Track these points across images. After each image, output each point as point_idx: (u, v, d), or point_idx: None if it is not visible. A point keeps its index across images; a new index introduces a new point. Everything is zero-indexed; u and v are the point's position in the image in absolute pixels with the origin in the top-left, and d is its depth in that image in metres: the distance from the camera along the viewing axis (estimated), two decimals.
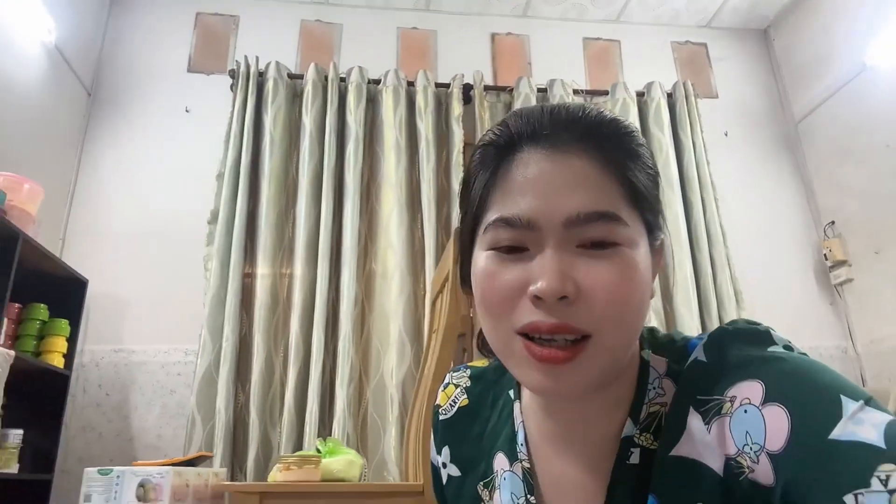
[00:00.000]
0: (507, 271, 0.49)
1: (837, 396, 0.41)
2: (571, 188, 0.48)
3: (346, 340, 2.83)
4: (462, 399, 0.65)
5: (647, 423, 0.51)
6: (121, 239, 3.02)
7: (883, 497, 0.36)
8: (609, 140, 0.51)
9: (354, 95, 3.23)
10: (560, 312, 0.47)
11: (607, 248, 0.48)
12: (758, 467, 0.43)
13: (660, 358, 0.54)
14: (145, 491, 1.21)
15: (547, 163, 0.49)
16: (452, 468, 0.63)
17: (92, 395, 2.80)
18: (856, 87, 3.33)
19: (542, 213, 0.48)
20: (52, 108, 2.96)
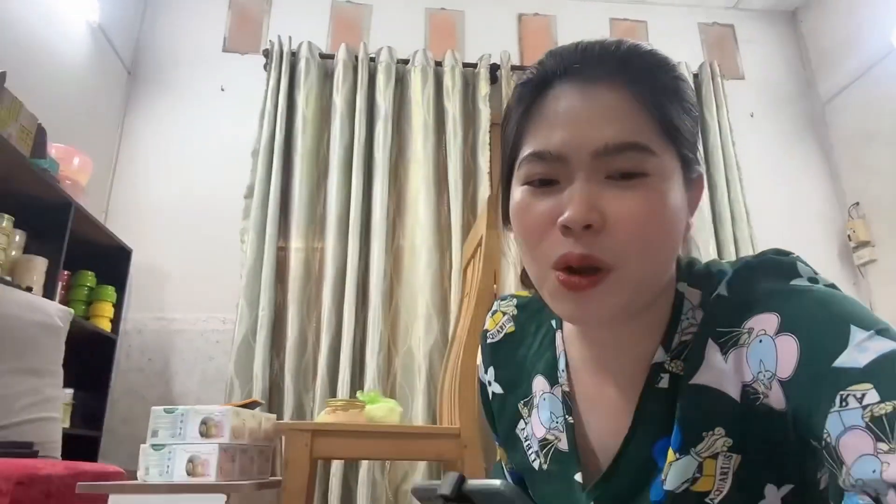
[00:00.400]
0: (540, 203, 0.51)
1: (847, 326, 0.43)
2: (600, 120, 0.49)
3: (375, 312, 2.93)
4: (509, 326, 0.69)
5: (677, 350, 0.53)
6: (161, 211, 3.15)
7: (857, 413, 0.39)
8: (642, 72, 0.51)
9: (384, 75, 3.31)
10: (587, 242, 0.48)
11: (636, 178, 0.49)
12: (771, 393, 0.46)
13: (694, 290, 0.55)
14: (207, 427, 1.32)
15: (577, 97, 0.50)
16: (496, 386, 0.68)
17: (135, 361, 2.94)
18: (883, 69, 3.33)
19: (571, 145, 0.49)
20: (95, 86, 3.08)
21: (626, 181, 0.49)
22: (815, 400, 0.42)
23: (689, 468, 0.50)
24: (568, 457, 0.58)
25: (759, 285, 0.51)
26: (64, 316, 1.96)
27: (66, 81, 2.85)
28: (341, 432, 1.33)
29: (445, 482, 0.57)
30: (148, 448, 1.34)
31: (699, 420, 0.50)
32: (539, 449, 0.61)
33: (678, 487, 0.50)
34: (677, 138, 0.51)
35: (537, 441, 0.62)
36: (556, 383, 0.61)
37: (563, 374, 0.60)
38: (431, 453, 1.38)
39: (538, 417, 0.62)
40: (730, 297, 0.52)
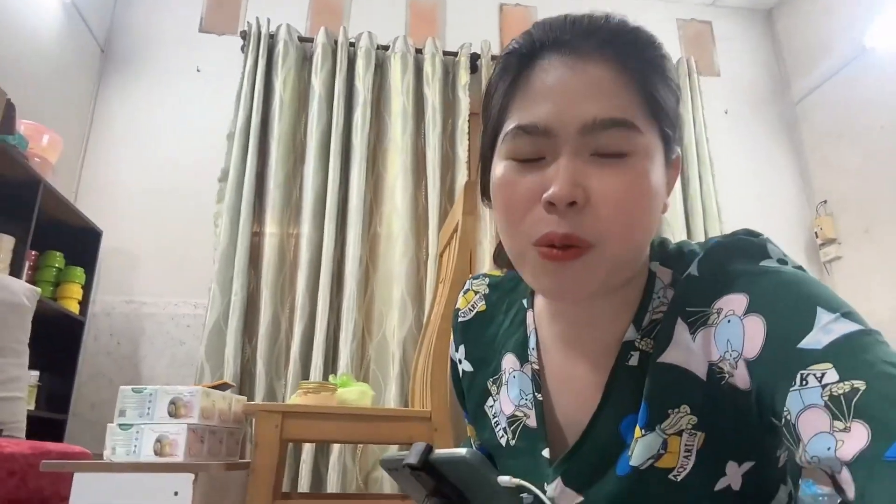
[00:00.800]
0: (524, 179, 0.50)
1: (814, 308, 0.43)
2: (589, 95, 0.48)
3: (350, 299, 2.93)
4: (480, 305, 0.69)
5: (648, 328, 0.54)
6: (133, 193, 3.09)
7: (816, 391, 0.40)
8: (630, 49, 0.51)
9: (363, 61, 3.29)
10: (570, 219, 0.48)
11: (621, 157, 0.49)
12: (736, 373, 0.47)
13: (666, 269, 0.56)
14: (176, 408, 1.31)
15: (566, 70, 0.49)
16: (466, 364, 0.69)
17: (103, 344, 2.89)
18: (854, 69, 3.41)
19: (558, 119, 0.49)
20: (67, 63, 3.00)
21: (612, 159, 0.49)
22: (778, 379, 0.43)
23: (654, 444, 0.51)
24: (536, 433, 0.58)
25: (729, 266, 0.51)
26: (30, 295, 1.92)
27: (37, 58, 2.77)
28: (312, 414, 1.33)
29: (412, 452, 0.58)
30: (115, 427, 1.32)
31: (665, 398, 0.51)
32: (507, 425, 0.62)
33: (643, 463, 0.51)
34: (661, 116, 0.51)
35: (505, 417, 0.62)
36: (526, 361, 0.61)
37: (533, 352, 0.61)
38: (402, 436, 1.39)
39: (507, 394, 0.62)
40: (700, 277, 0.52)
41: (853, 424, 0.37)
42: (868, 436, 0.36)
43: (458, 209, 1.66)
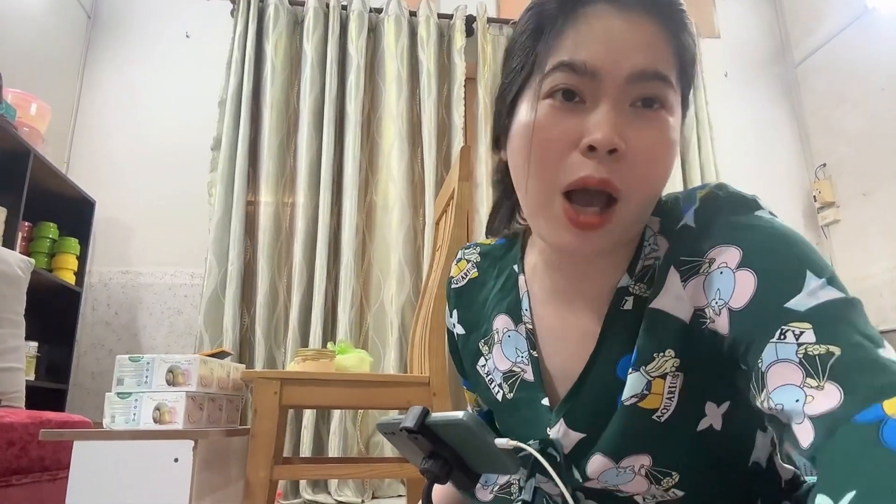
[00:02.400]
0: (564, 121, 0.51)
1: (804, 271, 0.45)
2: (640, 47, 0.50)
3: (347, 268, 2.92)
4: (472, 272, 0.72)
5: (640, 274, 0.57)
6: (125, 162, 3.06)
7: (792, 347, 0.42)
8: (669, 11, 0.53)
9: (356, 24, 3.22)
10: (608, 167, 0.49)
11: (656, 108, 0.51)
12: (718, 319, 0.49)
13: (654, 218, 0.58)
14: (174, 376, 1.31)
15: (619, 20, 0.51)
16: (459, 328, 0.73)
17: (101, 314, 2.89)
18: (856, 31, 3.35)
19: (608, 63, 0.50)
20: (53, 30, 2.93)
21: (648, 110, 0.51)
22: (757, 330, 0.45)
23: (638, 384, 0.53)
24: (534, 385, 0.61)
25: (723, 217, 0.53)
26: (24, 266, 1.90)
27: (23, 25, 2.71)
28: (311, 381, 1.33)
29: (409, 416, 0.58)
30: (113, 396, 1.32)
31: (653, 341, 0.54)
32: (503, 381, 0.65)
33: (627, 400, 0.54)
34: (685, 76, 0.54)
35: (500, 374, 0.65)
36: (520, 322, 0.64)
37: (526, 313, 0.63)
38: (401, 401, 1.39)
39: (501, 353, 0.65)
40: (695, 227, 0.54)
41: (827, 384, 0.40)
42: (840, 398, 0.38)
43: (455, 176, 1.64)
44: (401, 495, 2.70)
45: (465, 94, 3.25)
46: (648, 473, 0.56)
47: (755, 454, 0.59)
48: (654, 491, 0.56)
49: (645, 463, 0.55)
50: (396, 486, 2.75)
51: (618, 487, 0.57)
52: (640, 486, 0.56)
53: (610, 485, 0.57)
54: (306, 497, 2.62)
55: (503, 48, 3.36)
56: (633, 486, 0.57)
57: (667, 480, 0.56)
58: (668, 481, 0.56)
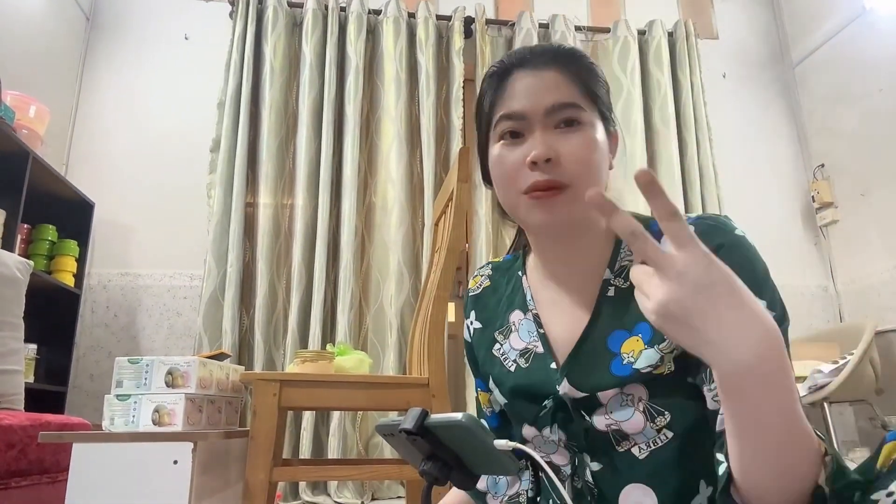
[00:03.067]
0: (512, 153, 0.72)
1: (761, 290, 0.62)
2: (548, 90, 0.72)
3: (346, 269, 2.92)
4: (486, 283, 0.91)
5: (618, 271, 0.75)
6: (124, 164, 3.06)
7: None
8: (571, 60, 0.75)
9: (355, 26, 3.22)
10: (548, 171, 0.69)
11: (574, 126, 0.71)
12: None
13: None
14: (173, 378, 1.31)
15: (531, 77, 0.73)
16: (477, 324, 0.89)
17: (100, 316, 2.89)
18: (854, 31, 3.36)
19: (530, 106, 0.72)
20: (52, 32, 2.93)
21: (569, 128, 0.71)
22: None
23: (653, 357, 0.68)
24: (544, 355, 0.77)
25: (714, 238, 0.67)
26: (23, 268, 1.90)
27: (22, 27, 2.71)
28: (310, 382, 1.33)
29: (408, 417, 0.58)
30: (112, 398, 1.32)
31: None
32: (519, 356, 0.80)
33: (644, 369, 0.67)
34: (597, 101, 0.74)
35: (516, 352, 0.80)
36: (528, 311, 0.81)
37: (531, 302, 0.81)
38: (400, 403, 1.39)
39: (518, 337, 0.81)
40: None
41: None
42: None
43: (453, 177, 1.63)
44: (400, 497, 2.70)
45: (464, 96, 3.25)
46: (646, 409, 0.68)
47: None
48: (648, 430, 0.67)
49: (643, 396, 0.68)
50: (396, 487, 2.75)
51: (619, 426, 0.68)
52: (638, 423, 0.68)
53: (615, 420, 0.69)
54: (306, 498, 2.62)
55: (501, 49, 3.38)
56: (632, 424, 0.68)
57: (660, 419, 0.67)
58: (661, 420, 0.67)
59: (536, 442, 0.76)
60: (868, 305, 3.24)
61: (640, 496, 0.68)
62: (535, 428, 0.76)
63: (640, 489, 0.68)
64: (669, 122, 3.36)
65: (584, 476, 0.72)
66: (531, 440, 0.77)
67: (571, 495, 0.74)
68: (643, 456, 0.68)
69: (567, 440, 0.73)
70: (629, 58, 3.42)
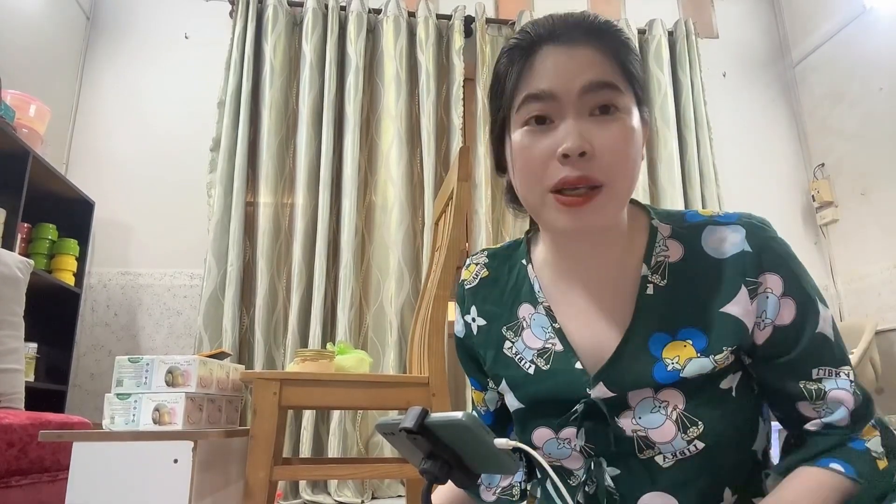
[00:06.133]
0: (540, 142, 0.63)
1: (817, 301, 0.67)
2: (583, 68, 0.63)
3: (346, 269, 2.92)
4: (483, 272, 0.81)
5: (655, 267, 0.69)
6: (124, 163, 3.06)
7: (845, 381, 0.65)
8: (607, 35, 0.66)
9: (355, 25, 3.22)
10: (581, 166, 0.61)
11: (611, 112, 0.63)
12: (760, 332, 0.66)
13: (665, 225, 0.71)
14: (174, 377, 1.31)
15: (563, 53, 0.64)
16: (480, 321, 0.80)
17: (101, 315, 2.89)
18: (854, 30, 3.35)
19: (562, 85, 0.63)
20: (52, 31, 2.93)
21: (605, 116, 0.63)
22: (803, 349, 0.65)
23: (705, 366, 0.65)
24: (565, 354, 0.70)
25: (768, 244, 0.67)
26: (24, 267, 1.90)
27: (22, 26, 2.71)
28: (310, 381, 1.33)
29: (409, 416, 0.58)
30: (113, 397, 1.32)
31: (722, 338, 0.65)
32: (537, 357, 0.73)
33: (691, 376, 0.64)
34: (633, 81, 0.66)
35: (533, 352, 0.73)
36: (538, 303, 0.74)
37: (540, 294, 0.74)
38: (400, 402, 1.39)
39: (532, 335, 0.74)
40: (752, 251, 0.67)
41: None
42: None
43: (453, 176, 1.63)
44: (400, 496, 2.70)
45: (464, 95, 3.25)
46: (679, 417, 0.64)
47: (757, 443, 0.68)
48: (678, 441, 0.64)
49: (679, 405, 0.64)
50: (396, 486, 2.75)
51: (647, 434, 0.65)
52: (668, 433, 0.64)
53: (642, 427, 0.65)
54: (306, 497, 2.62)
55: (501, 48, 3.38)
56: (661, 432, 0.64)
57: (692, 430, 0.64)
58: (693, 430, 0.64)
59: (549, 447, 0.71)
60: (868, 305, 3.24)
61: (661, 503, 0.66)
62: (553, 429, 0.70)
63: (661, 497, 0.66)
64: (670, 122, 3.36)
65: (602, 481, 0.68)
66: (542, 446, 0.72)
67: (583, 501, 0.70)
68: (667, 465, 0.65)
69: (585, 443, 0.69)
70: None
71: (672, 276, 0.68)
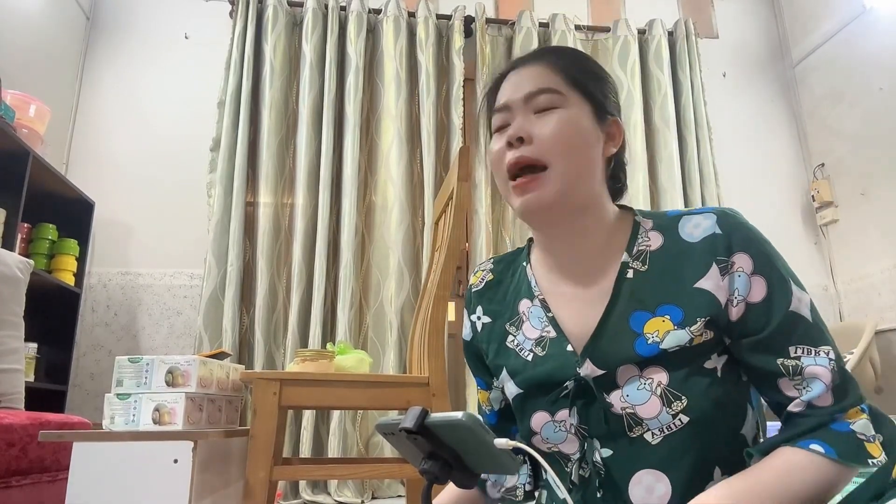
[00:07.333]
0: (498, 142, 0.78)
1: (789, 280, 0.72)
2: (529, 80, 0.78)
3: (346, 269, 2.92)
4: (488, 276, 0.91)
5: (636, 255, 0.77)
6: (124, 163, 3.06)
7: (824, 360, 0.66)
8: (555, 53, 0.80)
9: (355, 25, 3.22)
10: (522, 150, 0.74)
11: (552, 110, 0.75)
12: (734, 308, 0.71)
13: (648, 220, 0.80)
14: (174, 377, 1.31)
15: (517, 75, 0.79)
16: (485, 318, 0.88)
17: (101, 315, 2.89)
18: (854, 30, 3.35)
19: (512, 97, 0.78)
20: (52, 31, 2.93)
21: (546, 112, 0.75)
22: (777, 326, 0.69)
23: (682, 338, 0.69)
24: (558, 339, 0.77)
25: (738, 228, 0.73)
26: (24, 267, 1.90)
27: (22, 26, 2.71)
28: (310, 381, 1.33)
29: (409, 416, 0.58)
30: (113, 397, 1.32)
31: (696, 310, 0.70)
32: (535, 346, 0.80)
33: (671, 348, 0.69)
34: (582, 87, 0.77)
35: (531, 341, 0.81)
36: (534, 297, 0.83)
37: (536, 288, 0.83)
38: (400, 402, 1.39)
39: (530, 325, 0.82)
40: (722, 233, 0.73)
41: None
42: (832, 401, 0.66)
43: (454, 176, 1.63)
44: (400, 496, 2.70)
45: (464, 95, 3.25)
46: (663, 393, 0.68)
47: (745, 428, 0.71)
48: (664, 415, 0.68)
49: (662, 381, 0.68)
50: (396, 486, 2.75)
51: (635, 410, 0.69)
52: (654, 407, 0.68)
53: (629, 403, 0.69)
54: (306, 497, 2.62)
55: (501, 49, 3.38)
56: (648, 408, 0.68)
57: (676, 404, 0.68)
58: (677, 405, 0.68)
59: (546, 431, 0.75)
60: (868, 305, 3.24)
61: (653, 481, 0.69)
62: (549, 412, 0.75)
63: (653, 474, 0.69)
64: (669, 122, 3.36)
65: (592, 460, 0.72)
66: (540, 430, 0.76)
67: (577, 483, 0.74)
68: (656, 441, 0.69)
69: (578, 424, 0.73)
70: (629, 57, 3.42)
71: (652, 262, 0.75)
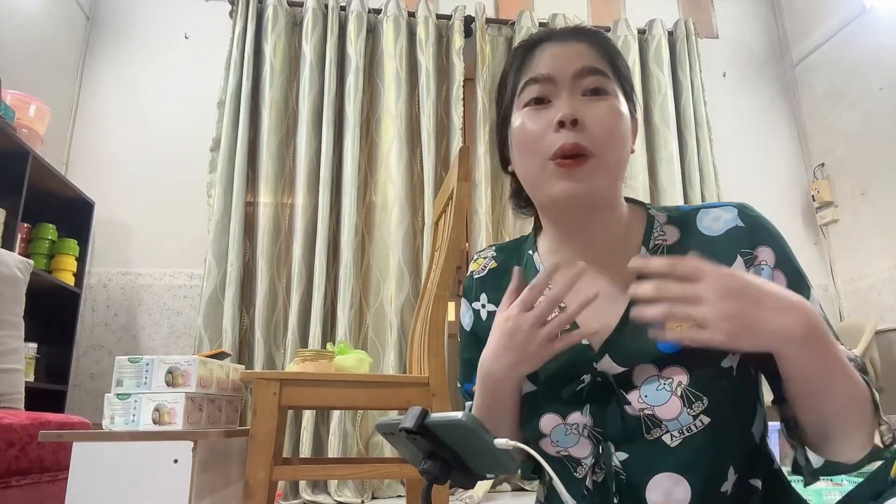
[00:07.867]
0: (538, 117, 0.71)
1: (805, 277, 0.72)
2: (577, 55, 0.73)
3: (346, 269, 2.92)
4: (492, 264, 0.87)
5: (653, 249, 0.74)
6: (124, 163, 3.06)
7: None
8: (597, 36, 0.77)
9: (355, 25, 3.22)
10: (575, 135, 0.68)
11: (601, 94, 0.71)
12: None
13: (662, 213, 0.78)
14: (174, 377, 1.31)
15: (559, 46, 0.75)
16: (490, 307, 0.84)
17: (101, 315, 2.89)
18: (854, 30, 3.35)
19: (558, 69, 0.72)
20: (52, 31, 2.93)
21: (595, 96, 0.71)
22: None
23: None
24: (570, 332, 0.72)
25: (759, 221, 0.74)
26: (24, 267, 1.90)
27: (21, 26, 2.71)
28: (310, 381, 1.33)
29: (408, 416, 0.58)
30: (113, 397, 1.32)
31: None
32: None
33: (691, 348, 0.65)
34: (621, 78, 0.75)
35: None
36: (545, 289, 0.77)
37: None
38: (400, 402, 1.39)
39: None
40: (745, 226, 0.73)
41: None
42: None
43: (454, 176, 1.63)
44: (400, 496, 2.70)
45: (464, 95, 3.25)
46: (684, 393, 0.66)
47: (756, 425, 0.70)
48: (685, 416, 0.65)
49: (683, 381, 0.66)
50: (396, 486, 2.75)
51: (654, 412, 0.66)
52: (674, 408, 0.66)
53: (648, 404, 0.67)
54: (306, 497, 2.62)
55: (501, 49, 3.38)
56: (668, 409, 0.66)
57: (697, 404, 0.65)
58: (698, 405, 0.65)
59: (557, 434, 0.72)
60: (868, 305, 3.24)
61: (671, 485, 0.66)
62: (561, 415, 0.72)
63: (671, 478, 0.67)
64: (670, 121, 3.36)
65: (610, 466, 0.69)
66: (550, 433, 0.72)
67: (592, 488, 0.71)
68: (675, 443, 0.66)
69: (593, 426, 0.70)
70: (629, 57, 3.42)
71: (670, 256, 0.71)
